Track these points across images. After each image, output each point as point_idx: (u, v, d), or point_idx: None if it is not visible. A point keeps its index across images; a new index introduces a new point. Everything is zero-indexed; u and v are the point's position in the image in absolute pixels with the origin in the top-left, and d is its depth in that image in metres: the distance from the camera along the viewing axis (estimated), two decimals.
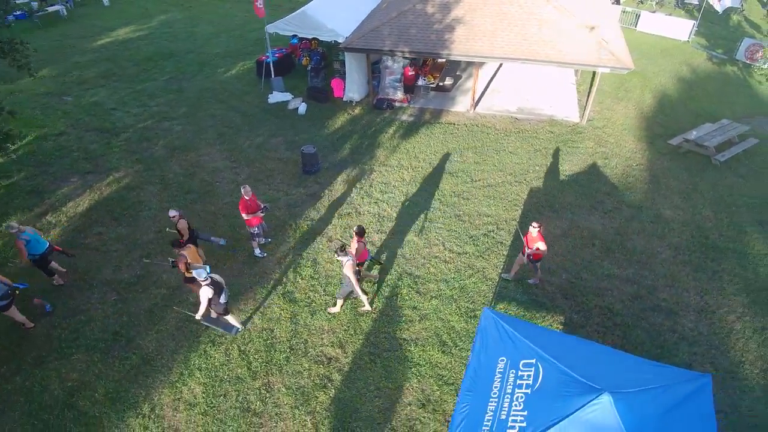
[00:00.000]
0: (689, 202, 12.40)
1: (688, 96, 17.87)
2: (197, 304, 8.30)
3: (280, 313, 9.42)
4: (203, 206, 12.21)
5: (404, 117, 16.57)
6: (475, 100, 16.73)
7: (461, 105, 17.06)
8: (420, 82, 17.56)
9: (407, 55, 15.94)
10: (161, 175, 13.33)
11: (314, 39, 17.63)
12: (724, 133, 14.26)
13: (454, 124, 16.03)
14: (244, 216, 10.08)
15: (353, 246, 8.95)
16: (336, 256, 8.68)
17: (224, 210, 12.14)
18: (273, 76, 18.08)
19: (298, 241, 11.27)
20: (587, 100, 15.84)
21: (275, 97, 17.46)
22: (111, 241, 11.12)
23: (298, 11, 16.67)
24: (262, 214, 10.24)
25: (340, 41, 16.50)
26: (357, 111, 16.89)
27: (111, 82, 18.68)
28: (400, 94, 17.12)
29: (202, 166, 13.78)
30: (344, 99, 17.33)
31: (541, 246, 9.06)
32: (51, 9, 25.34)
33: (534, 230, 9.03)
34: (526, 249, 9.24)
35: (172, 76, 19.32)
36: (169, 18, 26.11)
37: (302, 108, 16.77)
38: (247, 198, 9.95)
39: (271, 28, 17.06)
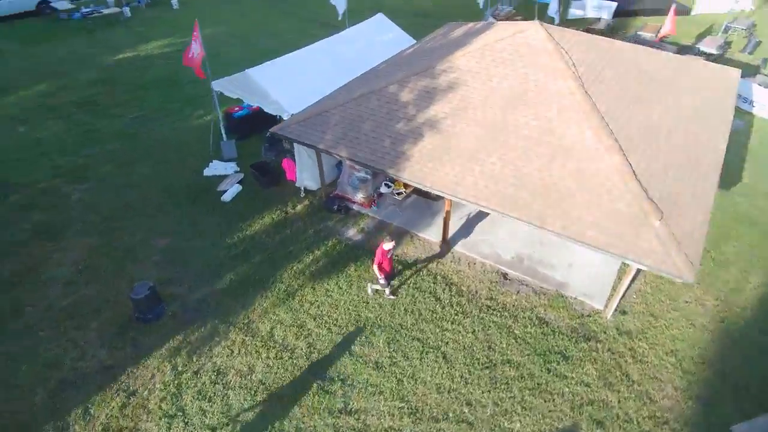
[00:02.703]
0: None
1: None
2: None
3: None
4: None
5: (351, 233, 11.26)
6: (446, 239, 10.71)
7: (435, 227, 11.11)
8: (384, 189, 11.98)
9: (345, 160, 10.54)
10: None
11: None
12: None
13: (406, 264, 10.33)
14: None
15: None
16: None
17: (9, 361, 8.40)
18: (224, 137, 13.89)
19: None
20: (627, 281, 8.94)
21: (214, 168, 13.24)
22: None
23: (241, 72, 12.03)
24: None
25: (285, 117, 11.64)
26: (297, 209, 11.97)
27: (80, 113, 16.10)
28: (361, 196, 11.79)
29: (39, 270, 10.20)
30: (297, 185, 12.50)
31: None
32: (107, 11, 23.96)
33: None
34: None
35: (145, 113, 16.16)
36: (212, 32, 23.20)
37: (231, 193, 12.33)
38: None
39: (216, 86, 12.75)
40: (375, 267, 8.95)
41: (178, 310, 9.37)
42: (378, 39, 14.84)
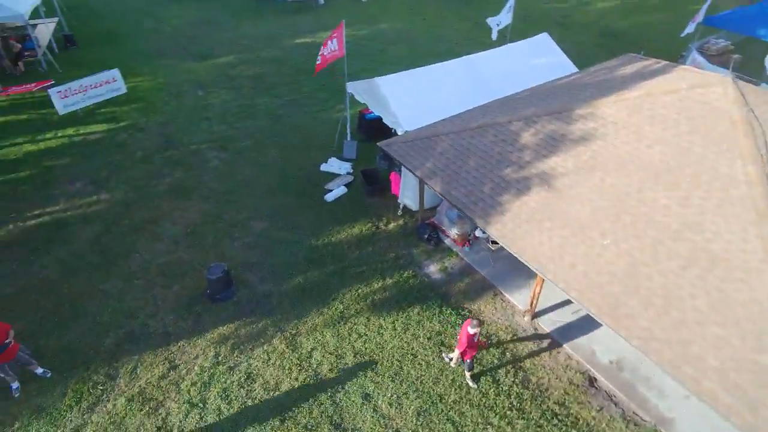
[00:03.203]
0: None
1: None
2: None
3: None
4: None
5: (432, 269, 10.22)
6: (534, 311, 8.88)
7: (527, 291, 9.32)
8: (479, 233, 10.47)
9: (437, 194, 9.35)
10: (110, 224, 11.47)
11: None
12: None
13: (482, 331, 8.90)
14: None
15: None
16: None
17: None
18: (349, 137, 13.79)
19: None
20: None
21: (330, 164, 13.24)
22: None
23: (370, 79, 11.54)
24: None
25: (399, 132, 10.94)
26: (390, 226, 11.30)
27: (249, 87, 17.67)
28: (455, 232, 10.58)
29: (158, 223, 11.36)
30: (398, 201, 11.82)
31: None
32: None
33: None
34: None
35: (297, 98, 17.02)
36: (386, 28, 23.44)
37: (334, 194, 12.19)
38: None
39: (350, 87, 12.56)
40: (456, 352, 7.75)
41: (243, 298, 9.56)
42: (533, 62, 13.02)
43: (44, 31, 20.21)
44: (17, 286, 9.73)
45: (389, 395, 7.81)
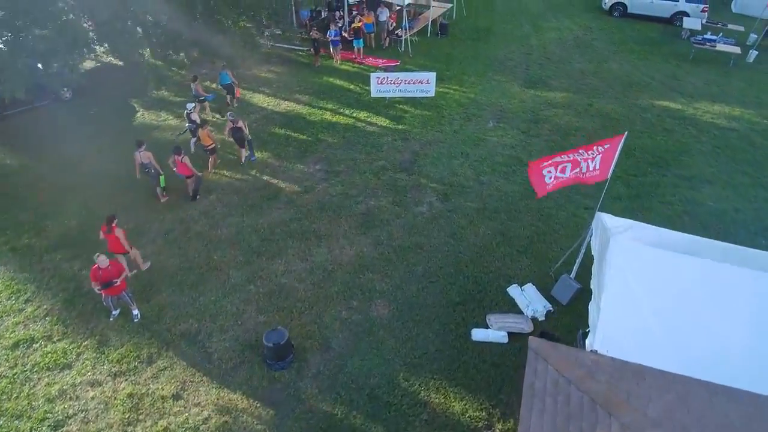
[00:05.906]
0: None
1: None
2: None
3: None
4: None
5: None
6: None
7: None
8: None
9: None
10: (300, 216, 11.38)
11: None
12: None
13: None
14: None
15: None
16: None
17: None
18: (573, 275, 9.10)
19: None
20: None
21: (521, 293, 9.16)
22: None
23: (610, 219, 6.51)
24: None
25: (587, 342, 6.17)
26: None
27: (542, 138, 14.22)
28: None
29: (320, 241, 10.61)
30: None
31: None
32: (722, 47, 18.21)
33: None
34: None
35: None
36: None
37: (486, 335, 8.47)
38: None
39: (596, 221, 7.75)
40: None
41: (283, 378, 7.98)
42: None
43: (430, 14, 21.53)
44: (196, 231, 11.09)
45: None
